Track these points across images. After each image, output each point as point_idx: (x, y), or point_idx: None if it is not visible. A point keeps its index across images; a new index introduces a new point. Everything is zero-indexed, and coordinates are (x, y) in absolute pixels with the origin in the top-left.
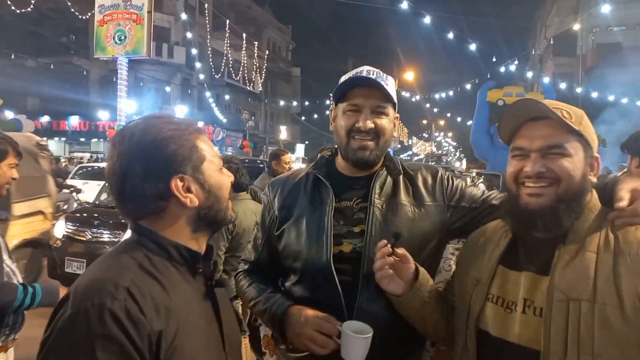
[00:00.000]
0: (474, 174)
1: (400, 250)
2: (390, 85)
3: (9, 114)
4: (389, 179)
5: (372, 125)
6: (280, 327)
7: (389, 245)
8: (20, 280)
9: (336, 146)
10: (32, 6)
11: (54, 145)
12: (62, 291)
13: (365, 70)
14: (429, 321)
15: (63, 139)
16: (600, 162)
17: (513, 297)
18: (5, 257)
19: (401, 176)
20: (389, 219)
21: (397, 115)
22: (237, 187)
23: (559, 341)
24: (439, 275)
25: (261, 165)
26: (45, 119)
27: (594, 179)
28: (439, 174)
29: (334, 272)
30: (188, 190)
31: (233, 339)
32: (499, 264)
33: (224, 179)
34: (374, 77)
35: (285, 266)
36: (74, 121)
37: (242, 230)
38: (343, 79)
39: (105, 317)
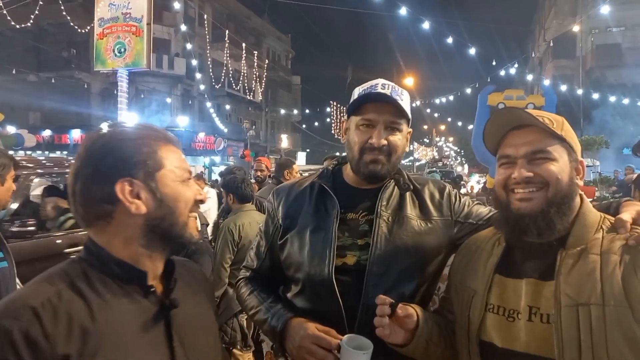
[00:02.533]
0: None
1: (401, 310)
2: (405, 100)
3: (11, 129)
4: (396, 192)
5: (385, 142)
6: (280, 339)
7: (389, 307)
8: None
9: (344, 155)
10: (31, 21)
11: None
12: None
13: (380, 84)
14: (435, 355)
15: (65, 152)
16: (585, 165)
17: (514, 305)
18: (17, 280)
19: None
20: (395, 232)
21: (410, 130)
22: (242, 199)
23: (573, 347)
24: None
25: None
26: (47, 133)
27: (581, 182)
28: (447, 190)
29: (335, 285)
30: (137, 196)
31: None
32: (495, 272)
33: (184, 191)
34: (388, 92)
35: (287, 276)
36: (76, 134)
37: (248, 242)
38: (357, 92)
39: (1, 339)
